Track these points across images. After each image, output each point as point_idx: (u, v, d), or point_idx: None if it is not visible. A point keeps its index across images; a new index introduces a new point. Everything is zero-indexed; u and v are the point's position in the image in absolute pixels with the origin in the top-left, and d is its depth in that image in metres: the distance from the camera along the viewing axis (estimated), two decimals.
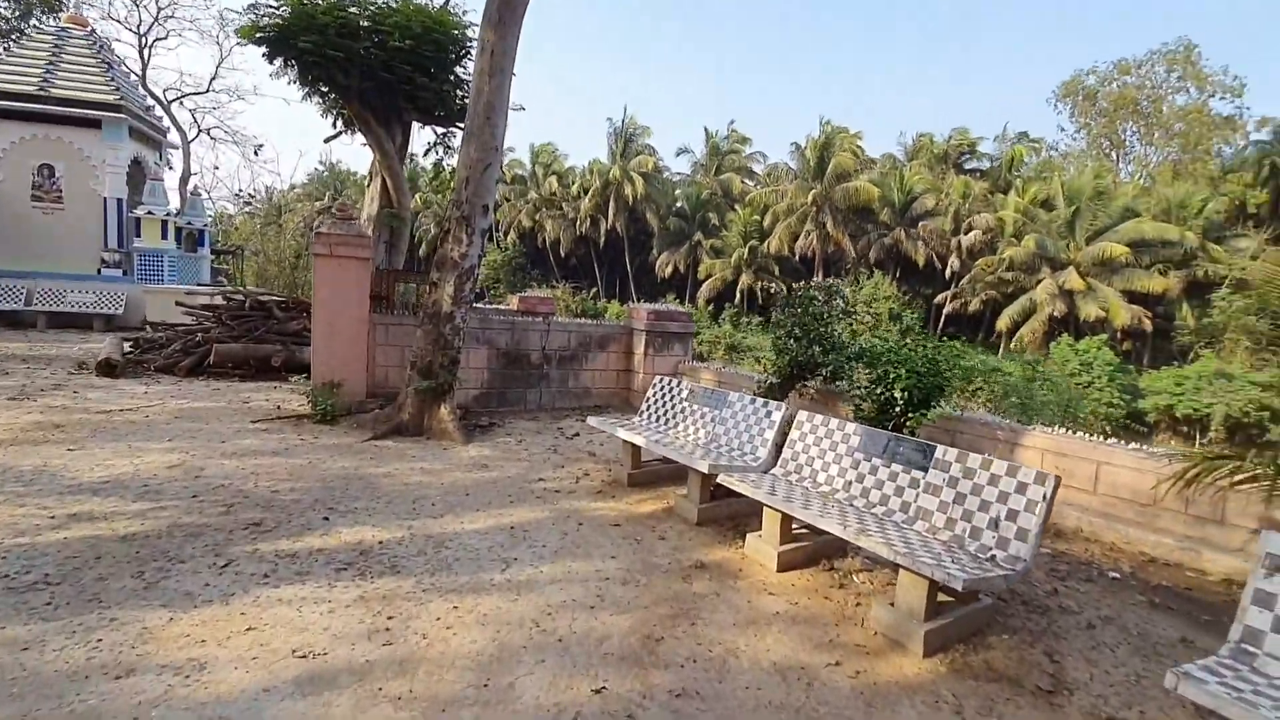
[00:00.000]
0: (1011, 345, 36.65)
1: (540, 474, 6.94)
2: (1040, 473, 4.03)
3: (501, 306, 17.10)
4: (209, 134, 34.72)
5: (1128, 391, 30.89)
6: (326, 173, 54.54)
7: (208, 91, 34.33)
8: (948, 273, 38.66)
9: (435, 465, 6.95)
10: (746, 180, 49.47)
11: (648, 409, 7.38)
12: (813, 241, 41.10)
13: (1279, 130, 37.41)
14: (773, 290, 42.57)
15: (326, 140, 13.80)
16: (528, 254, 52.22)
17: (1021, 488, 4.05)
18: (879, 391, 6.72)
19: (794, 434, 5.60)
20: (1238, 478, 4.58)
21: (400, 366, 9.29)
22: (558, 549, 4.88)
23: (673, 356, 11.01)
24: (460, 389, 9.26)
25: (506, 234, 51.43)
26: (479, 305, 15.23)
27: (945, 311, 39.18)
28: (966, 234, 37.46)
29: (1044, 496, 3.94)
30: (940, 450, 4.56)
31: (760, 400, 6.11)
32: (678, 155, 53.07)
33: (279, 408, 9.01)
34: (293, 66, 11.52)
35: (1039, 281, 34.56)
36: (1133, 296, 33.29)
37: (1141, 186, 36.05)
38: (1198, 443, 30.57)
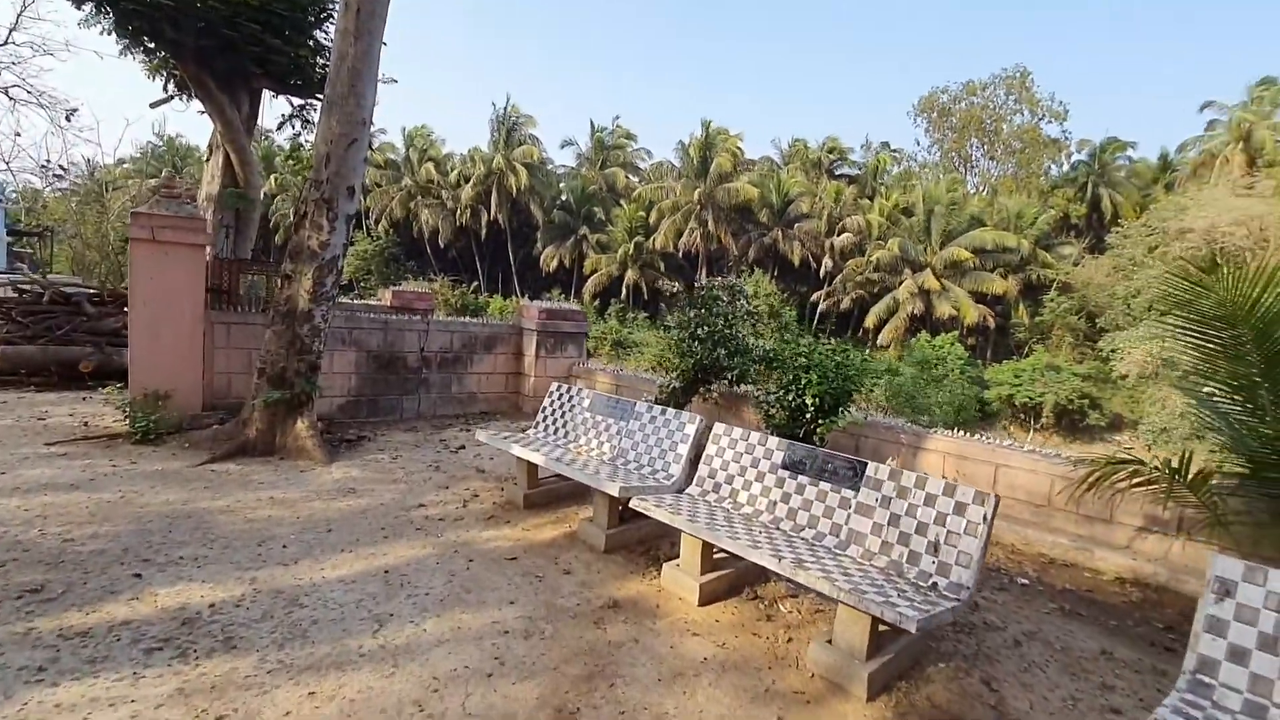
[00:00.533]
0: (877, 341, 38.97)
1: (420, 498, 6.05)
2: (979, 492, 3.76)
3: (373, 302, 15.52)
4: (7, 94, 29.49)
5: (975, 383, 33.72)
6: (162, 146, 48.56)
7: (6, 44, 29.12)
8: (821, 272, 40.45)
9: (290, 493, 5.87)
10: (631, 176, 49.36)
11: (544, 420, 6.66)
12: (696, 239, 41.65)
13: (1093, 152, 42.28)
14: (660, 286, 42.75)
15: (153, 105, 11.78)
16: (402, 244, 49.24)
17: (960, 508, 3.77)
18: (790, 399, 6.41)
19: (710, 448, 5.12)
20: (1135, 480, 4.60)
21: (247, 373, 7.97)
22: (444, 596, 4.09)
23: (566, 358, 10.31)
24: (322, 398, 8.08)
25: (378, 222, 48.20)
26: (345, 301, 13.69)
27: (819, 309, 40.98)
28: (839, 235, 39.37)
29: (984, 518, 3.67)
30: (872, 467, 4.22)
31: (671, 411, 5.59)
32: (562, 148, 52.10)
33: (86, 425, 7.42)
34: (106, 13, 9.65)
35: (901, 282, 36.92)
36: (979, 297, 36.33)
37: (985, 198, 39.51)
38: (1032, 428, 33.95)
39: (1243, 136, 35.99)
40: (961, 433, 6.72)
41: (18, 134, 33.16)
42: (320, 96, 11.69)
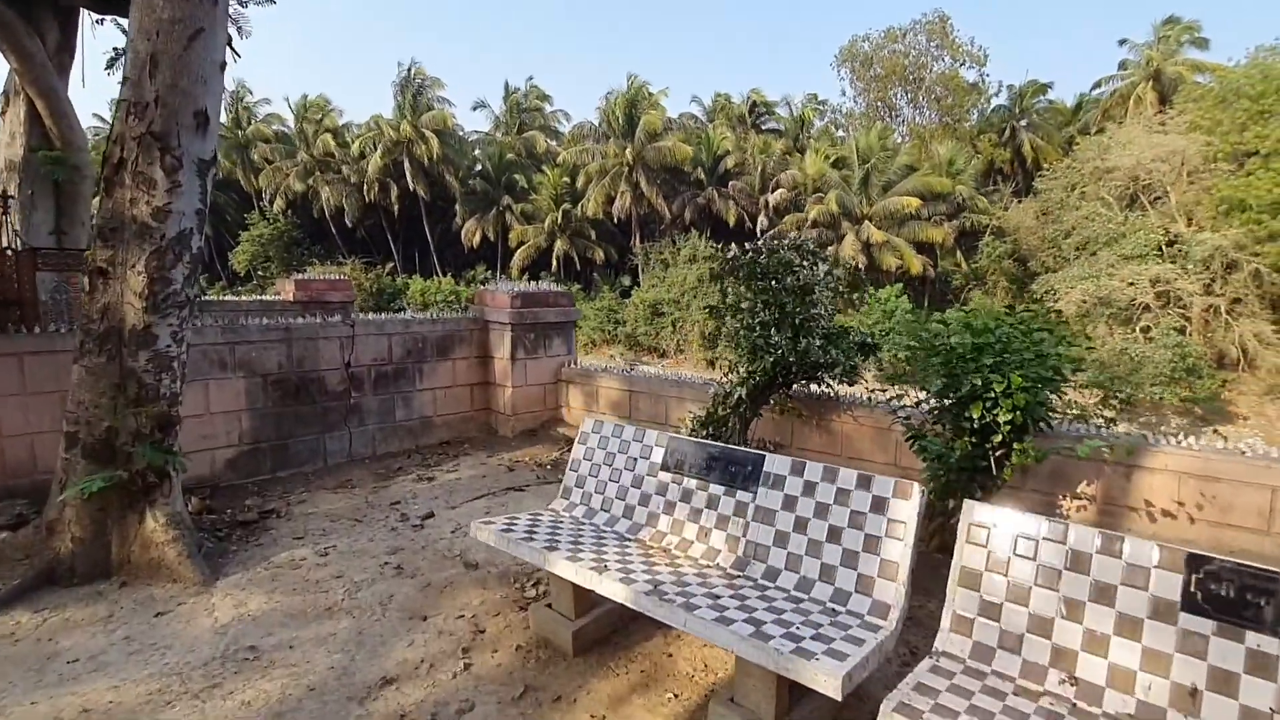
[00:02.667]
0: None
1: (383, 656, 3.27)
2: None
3: (267, 296, 12.07)
4: None
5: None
6: None
7: None
8: (758, 230, 38.48)
9: (128, 679, 2.98)
10: (551, 141, 45.61)
11: (578, 485, 3.98)
12: (628, 203, 38.72)
13: (1013, 96, 41.88)
14: (592, 256, 39.76)
15: None
16: (303, 226, 43.86)
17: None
18: (973, 416, 3.95)
19: (968, 554, 2.59)
20: None
21: (56, 433, 4.81)
22: None
23: (552, 358, 7.52)
24: (199, 452, 5.08)
25: (273, 202, 42.60)
26: (224, 299, 10.18)
27: None
28: (773, 192, 37.41)
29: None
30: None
31: (847, 475, 2.99)
32: (475, 109, 47.51)
33: None
34: None
35: (842, 236, 35.42)
36: (918, 247, 35.33)
37: (916, 147, 38.41)
38: None
39: (1152, 75, 36.12)
40: (1195, 440, 4.48)
41: None
42: None
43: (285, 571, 4.20)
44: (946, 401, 4.18)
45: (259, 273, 40.64)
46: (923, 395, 4.70)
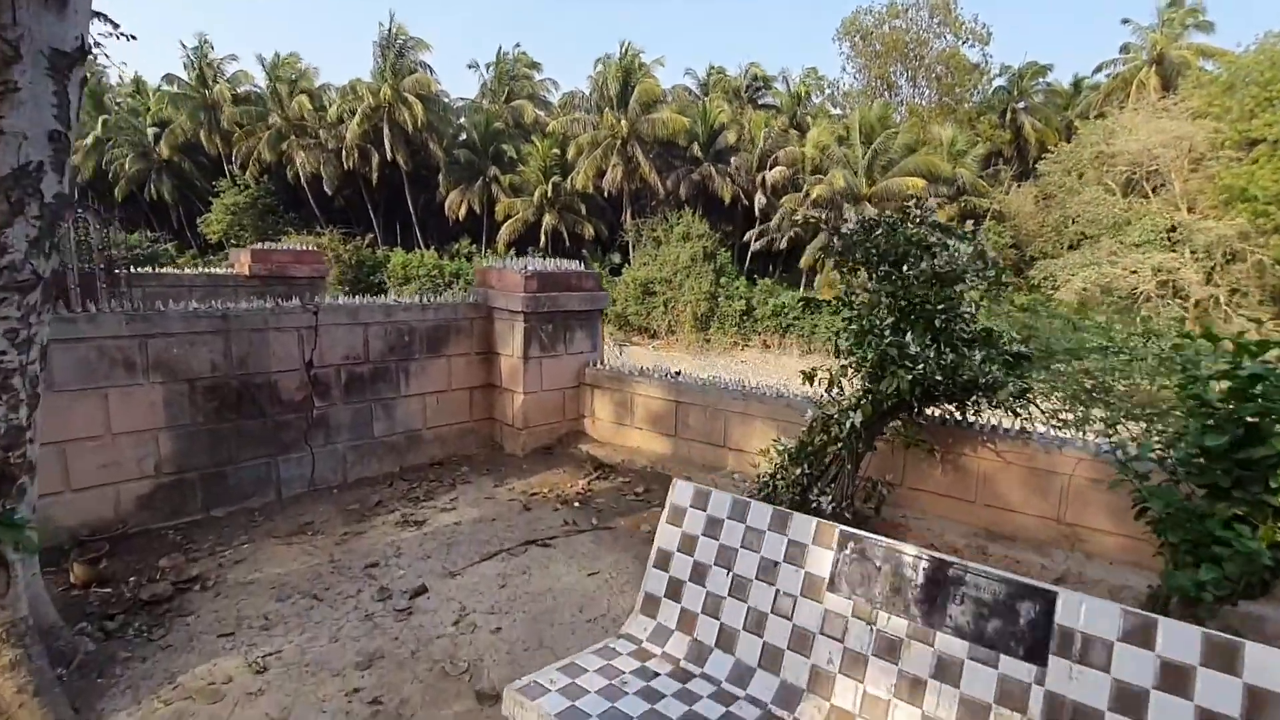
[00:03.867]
0: (814, 284, 36.26)
1: None
2: None
3: (219, 270, 10.15)
4: None
5: None
6: None
7: None
8: (755, 210, 36.87)
9: None
10: (541, 110, 43.27)
11: (675, 595, 2.40)
12: (619, 176, 36.75)
13: (1013, 78, 40.40)
14: (581, 231, 37.88)
15: None
16: (278, 194, 41.23)
17: None
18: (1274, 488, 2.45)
19: None
20: None
21: None
22: None
23: (573, 357, 5.93)
24: (106, 486, 3.47)
25: (245, 168, 39.86)
26: (164, 272, 8.25)
27: (752, 250, 37.65)
28: (771, 170, 35.69)
29: None
30: None
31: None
32: (471, 68, 44.90)
33: None
34: None
35: (844, 220, 33.94)
36: None
37: (917, 125, 36.83)
38: None
39: (1156, 59, 34.82)
40: None
41: None
42: None
43: (197, 707, 2.61)
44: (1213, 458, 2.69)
45: (232, 243, 38.12)
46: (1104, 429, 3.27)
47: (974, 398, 3.80)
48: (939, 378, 3.58)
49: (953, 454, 4.24)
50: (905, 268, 3.81)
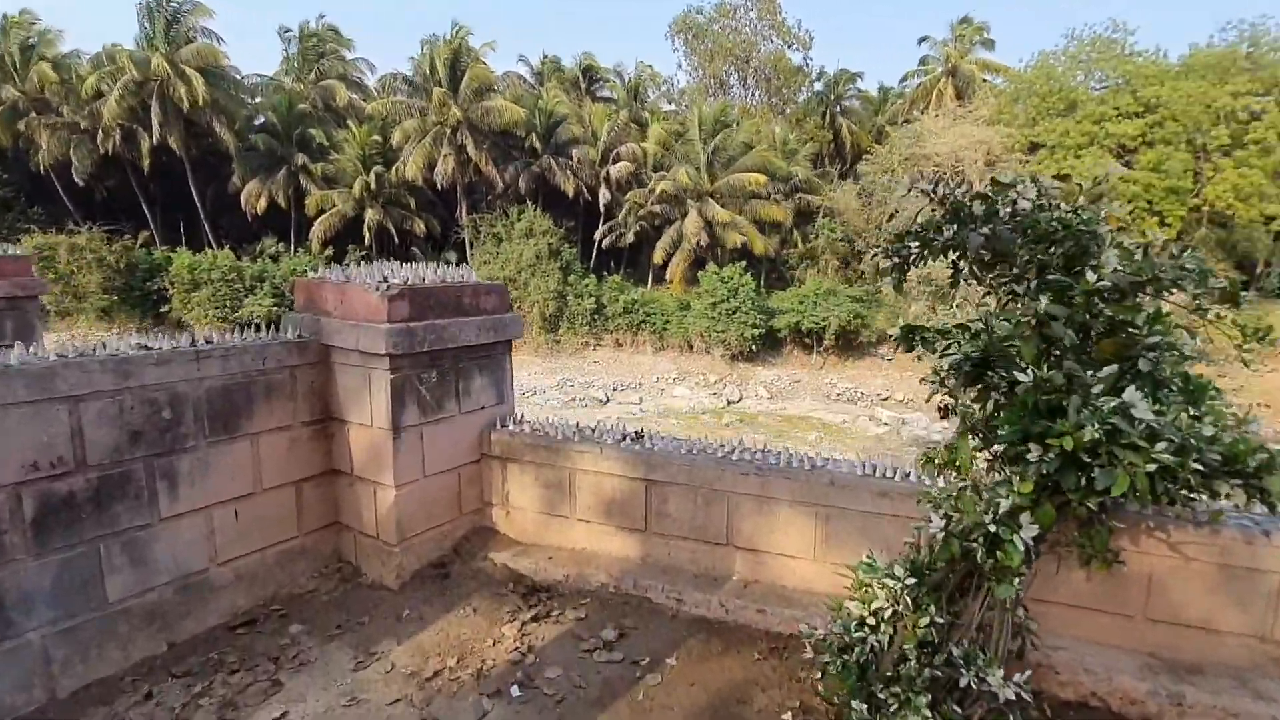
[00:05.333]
0: (665, 277, 35.79)
1: None
2: None
3: None
4: None
5: (763, 312, 32.36)
6: None
7: None
8: (600, 205, 35.48)
9: None
10: (355, 93, 38.36)
11: None
12: (451, 168, 33.42)
13: (829, 83, 42.86)
14: (411, 228, 34.11)
15: None
16: (16, 183, 32.52)
17: None
18: None
19: None
20: None
21: None
22: None
23: (473, 416, 3.77)
24: None
25: None
26: None
27: (602, 245, 36.30)
28: (614, 164, 34.47)
29: None
30: None
31: None
32: (284, 34, 38.42)
33: None
34: None
35: (685, 214, 33.62)
36: (759, 226, 34.65)
37: (754, 124, 37.57)
38: (815, 352, 33.92)
39: (950, 71, 38.56)
40: None
41: None
42: None
43: None
44: None
45: None
46: None
47: (1223, 488, 2.35)
48: (1174, 458, 2.09)
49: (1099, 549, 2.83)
50: (1090, 273, 2.29)
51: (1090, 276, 2.27)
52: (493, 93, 34.19)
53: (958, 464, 2.47)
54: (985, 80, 36.55)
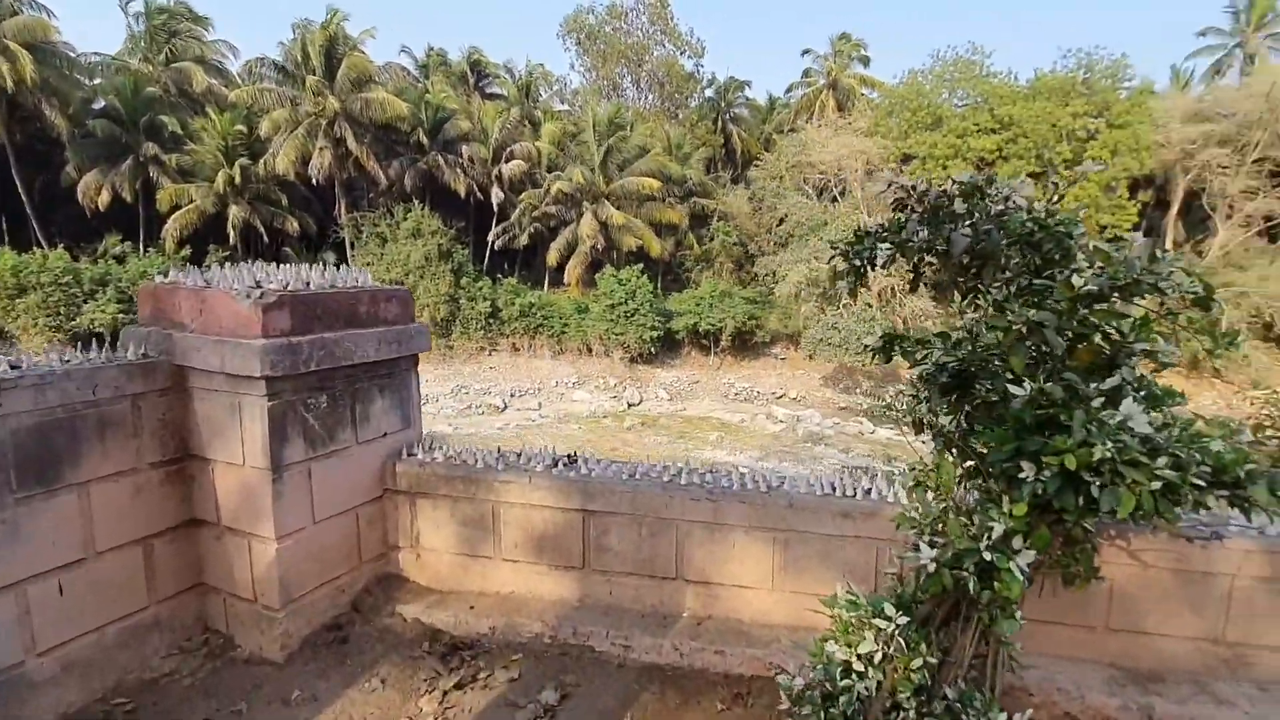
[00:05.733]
0: (563, 280, 35.24)
1: None
2: None
3: None
4: None
5: (661, 314, 32.62)
6: None
7: None
8: (494, 205, 34.35)
9: None
10: (215, 79, 34.86)
11: None
12: (328, 162, 31.13)
13: (719, 90, 43.98)
14: (284, 226, 31.56)
15: None
16: None
17: None
18: None
19: None
20: None
21: None
22: None
23: (372, 446, 3.18)
24: None
25: None
26: None
27: (495, 246, 35.16)
28: (507, 163, 33.49)
29: None
30: None
31: None
32: (128, 8, 33.93)
33: None
34: None
35: (581, 215, 33.24)
36: (656, 229, 34.88)
37: (649, 128, 37.76)
38: (713, 353, 34.59)
39: (831, 84, 40.66)
40: None
41: None
42: None
43: None
44: None
45: None
46: None
47: (1210, 500, 2.26)
48: (1184, 476, 1.97)
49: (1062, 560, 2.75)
50: (1076, 277, 2.13)
51: (1077, 280, 2.13)
52: (373, 84, 32.17)
53: (939, 484, 2.26)
54: (863, 94, 38.80)
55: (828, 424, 26.72)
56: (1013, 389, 2.06)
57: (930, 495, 2.27)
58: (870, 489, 2.96)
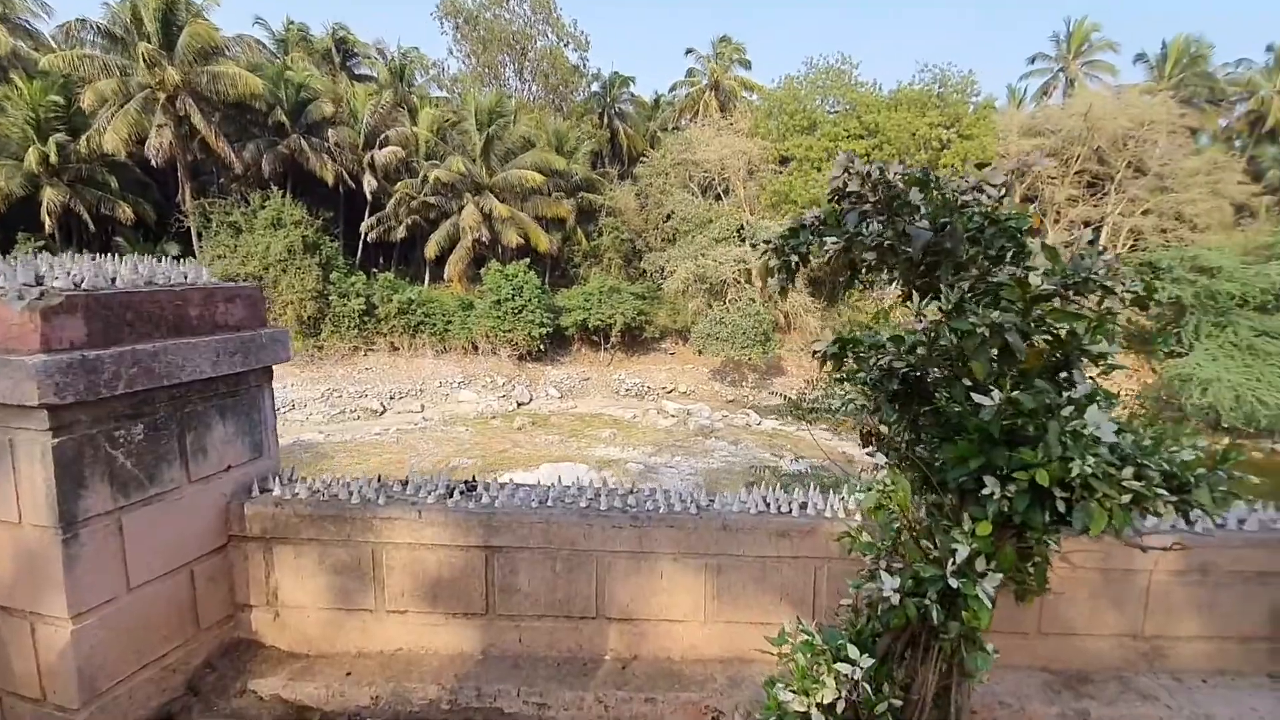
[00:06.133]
0: (444, 275, 33.62)
1: None
2: None
3: None
4: None
5: (550, 311, 31.96)
6: None
7: None
8: (367, 194, 32.09)
9: None
10: (22, 40, 30.01)
11: None
12: (167, 142, 27.70)
13: (605, 85, 43.76)
14: (116, 214, 27.83)
15: None
16: None
17: None
18: None
19: None
20: None
21: None
22: None
23: (210, 485, 2.51)
24: None
25: None
26: None
27: (369, 239, 32.94)
28: (380, 149, 31.39)
29: None
30: None
31: None
32: None
33: None
34: None
35: (463, 206, 31.83)
36: (543, 223, 34.10)
37: (534, 119, 36.74)
38: (603, 349, 34.37)
39: (713, 85, 41.60)
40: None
41: None
42: None
43: None
44: None
45: None
46: None
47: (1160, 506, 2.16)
48: (1149, 487, 1.85)
49: None
50: (1034, 276, 1.97)
51: (1034, 279, 1.97)
52: (222, 57, 28.96)
53: (896, 504, 2.04)
54: (744, 96, 39.95)
55: (717, 417, 27.26)
56: (978, 398, 1.86)
57: (874, 512, 2.05)
58: (805, 503, 2.73)
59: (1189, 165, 30.75)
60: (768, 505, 2.70)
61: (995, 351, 1.95)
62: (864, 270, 2.44)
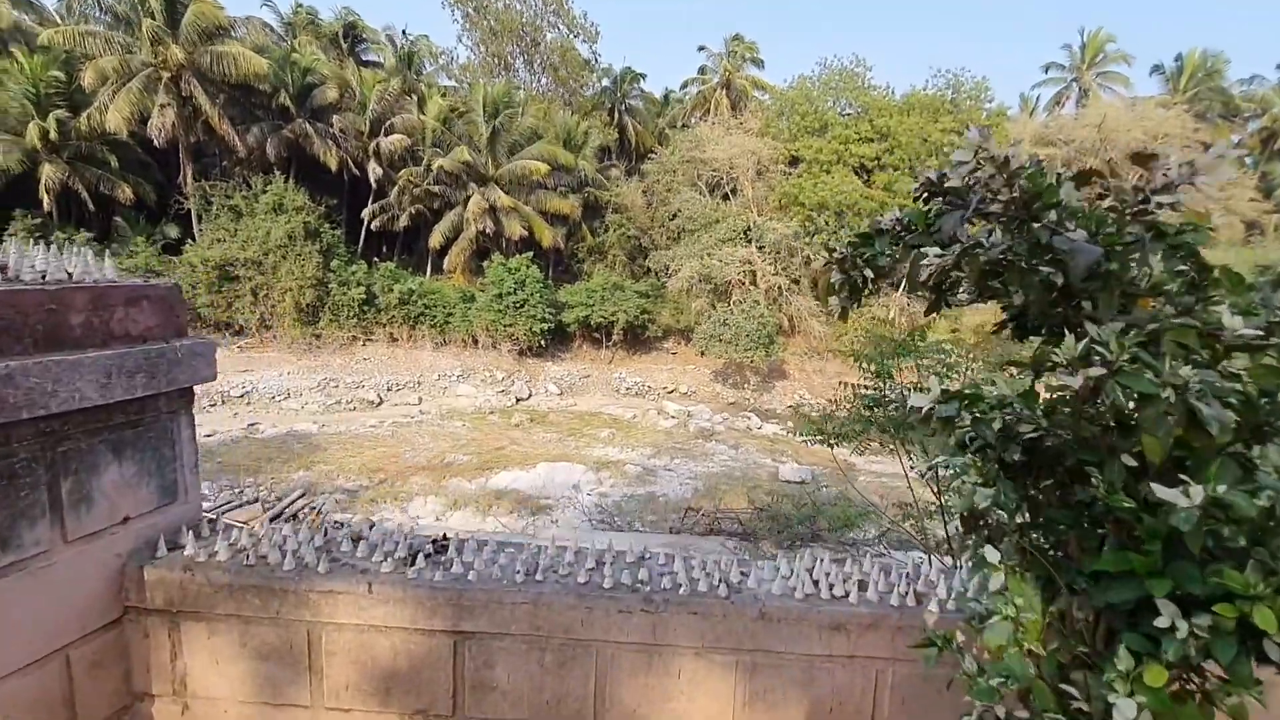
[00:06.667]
0: (445, 265, 32.96)
1: None
2: None
3: None
4: None
5: (552, 306, 31.32)
6: None
7: None
8: (371, 181, 31.44)
9: None
10: (23, 13, 29.39)
11: None
12: (169, 121, 27.05)
13: (615, 80, 43.01)
14: (116, 194, 27.24)
15: None
16: None
17: None
18: None
19: None
20: None
21: None
22: None
23: (95, 544, 1.87)
24: None
25: None
26: None
27: (372, 227, 32.29)
28: (386, 137, 30.72)
29: None
30: None
31: None
32: None
33: None
34: None
35: (468, 197, 31.15)
36: (547, 218, 33.45)
37: (541, 110, 36.03)
38: (605, 346, 33.75)
39: (725, 84, 40.86)
40: None
41: None
42: None
43: None
44: None
45: None
46: None
47: None
48: None
49: None
50: (1226, 317, 1.38)
51: (1229, 321, 1.36)
52: (227, 37, 28.30)
53: (1022, 629, 1.44)
54: (756, 95, 39.21)
55: (718, 419, 26.67)
56: (1163, 492, 1.27)
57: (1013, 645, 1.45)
58: (864, 581, 2.13)
59: None
60: (816, 584, 2.10)
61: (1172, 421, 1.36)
62: (956, 291, 1.83)
